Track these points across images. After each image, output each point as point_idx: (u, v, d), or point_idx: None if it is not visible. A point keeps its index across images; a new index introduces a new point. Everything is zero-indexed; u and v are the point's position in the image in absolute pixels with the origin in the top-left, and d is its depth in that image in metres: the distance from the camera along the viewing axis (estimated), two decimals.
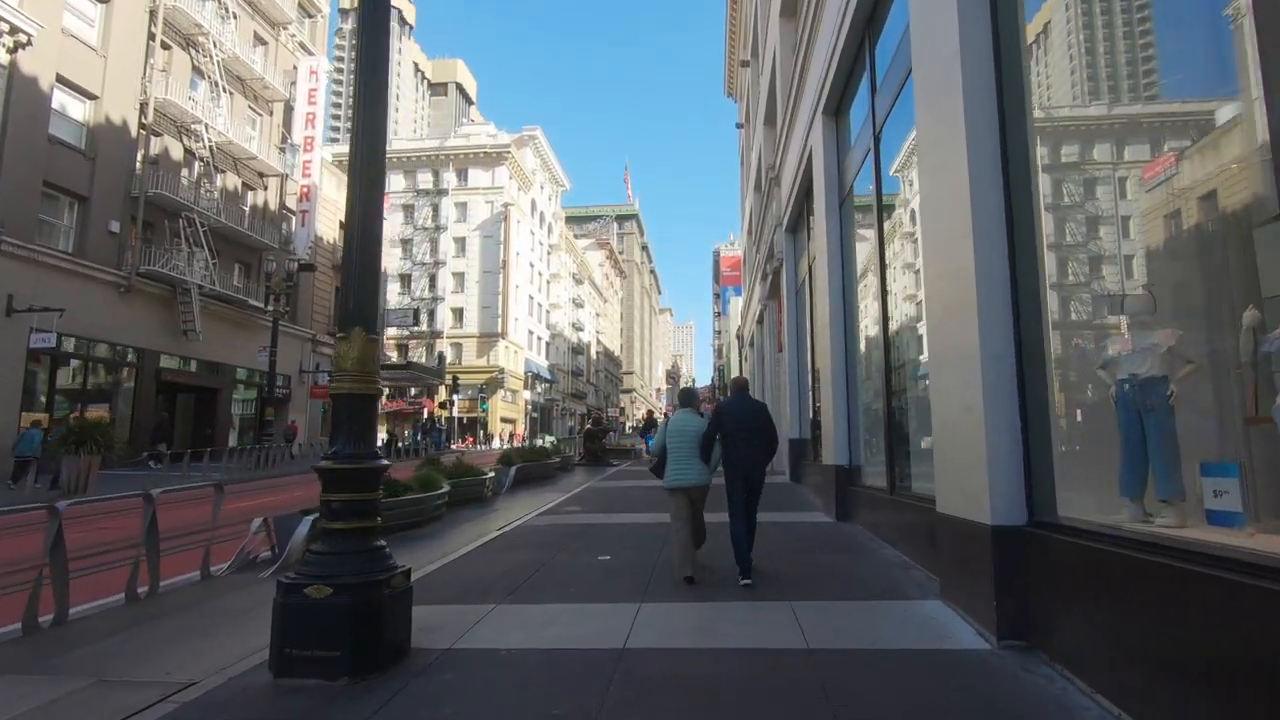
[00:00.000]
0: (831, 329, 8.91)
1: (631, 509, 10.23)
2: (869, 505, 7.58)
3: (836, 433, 8.70)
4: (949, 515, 4.42)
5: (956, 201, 4.11)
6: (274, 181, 27.40)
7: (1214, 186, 2.89)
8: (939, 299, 4.56)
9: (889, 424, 6.74)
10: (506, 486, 13.40)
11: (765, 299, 19.00)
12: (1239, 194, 2.79)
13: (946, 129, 4.26)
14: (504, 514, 10.21)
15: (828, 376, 9.06)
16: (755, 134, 21.65)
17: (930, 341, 4.78)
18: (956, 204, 4.11)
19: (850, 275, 8.93)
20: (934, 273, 4.66)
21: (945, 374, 4.47)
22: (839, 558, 6.37)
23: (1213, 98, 2.95)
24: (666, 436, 5.78)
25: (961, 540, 4.23)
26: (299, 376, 28.53)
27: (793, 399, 13.74)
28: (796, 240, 14.09)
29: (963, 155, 4.01)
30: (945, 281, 4.41)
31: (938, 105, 4.46)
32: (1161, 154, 3.25)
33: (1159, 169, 3.24)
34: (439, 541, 7.93)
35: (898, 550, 6.33)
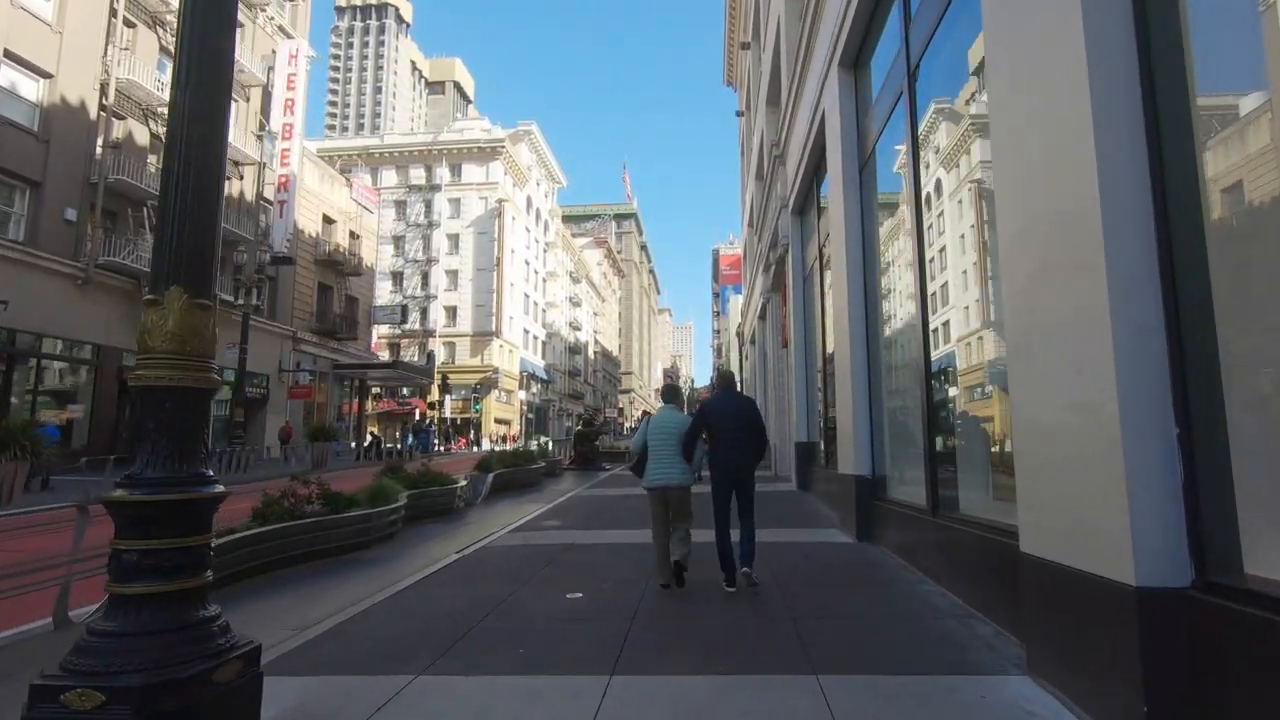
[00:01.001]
0: (850, 317, 7.61)
1: (618, 524, 8.92)
2: (900, 525, 6.28)
3: (857, 437, 7.40)
4: (1044, 560, 3.12)
5: (1065, 96, 2.81)
6: (251, 171, 26.09)
7: None
8: (1030, 250, 3.25)
9: (929, 426, 5.44)
10: (482, 496, 12.09)
11: (768, 291, 17.70)
12: None
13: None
14: (471, 530, 8.90)
15: (845, 372, 7.76)
16: (757, 118, 20.39)
17: (1012, 312, 3.48)
18: (1065, 101, 2.82)
19: (872, 253, 7.63)
20: (1021, 214, 3.36)
21: (1039, 356, 3.17)
22: (872, 596, 5.06)
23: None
24: (647, 434, 5.45)
25: (1070, 598, 2.93)
26: (278, 376, 27.20)
27: (800, 398, 12.45)
28: (804, 223, 12.79)
29: (1076, 20, 2.71)
30: (1043, 226, 3.10)
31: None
32: None
33: None
34: (381, 569, 6.62)
35: (942, 587, 5.02)
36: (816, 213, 10.93)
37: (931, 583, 5.21)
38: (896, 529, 6.43)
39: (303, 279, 29.44)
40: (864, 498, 7.32)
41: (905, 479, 6.66)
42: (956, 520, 4.91)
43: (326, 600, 5.39)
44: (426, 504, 9.73)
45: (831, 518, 8.99)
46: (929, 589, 5.11)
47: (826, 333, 10.33)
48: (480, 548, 7.39)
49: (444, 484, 10.21)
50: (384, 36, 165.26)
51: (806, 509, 10.14)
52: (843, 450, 7.95)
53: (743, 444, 5.25)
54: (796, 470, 12.53)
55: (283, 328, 27.73)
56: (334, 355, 31.36)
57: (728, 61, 34.89)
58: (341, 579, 6.28)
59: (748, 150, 26.42)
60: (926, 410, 5.47)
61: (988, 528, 4.30)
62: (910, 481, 6.37)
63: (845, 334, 7.72)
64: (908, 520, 5.97)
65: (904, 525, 6.13)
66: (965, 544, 4.61)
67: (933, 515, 5.30)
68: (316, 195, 30.59)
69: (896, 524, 6.41)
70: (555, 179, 73.08)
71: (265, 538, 6.25)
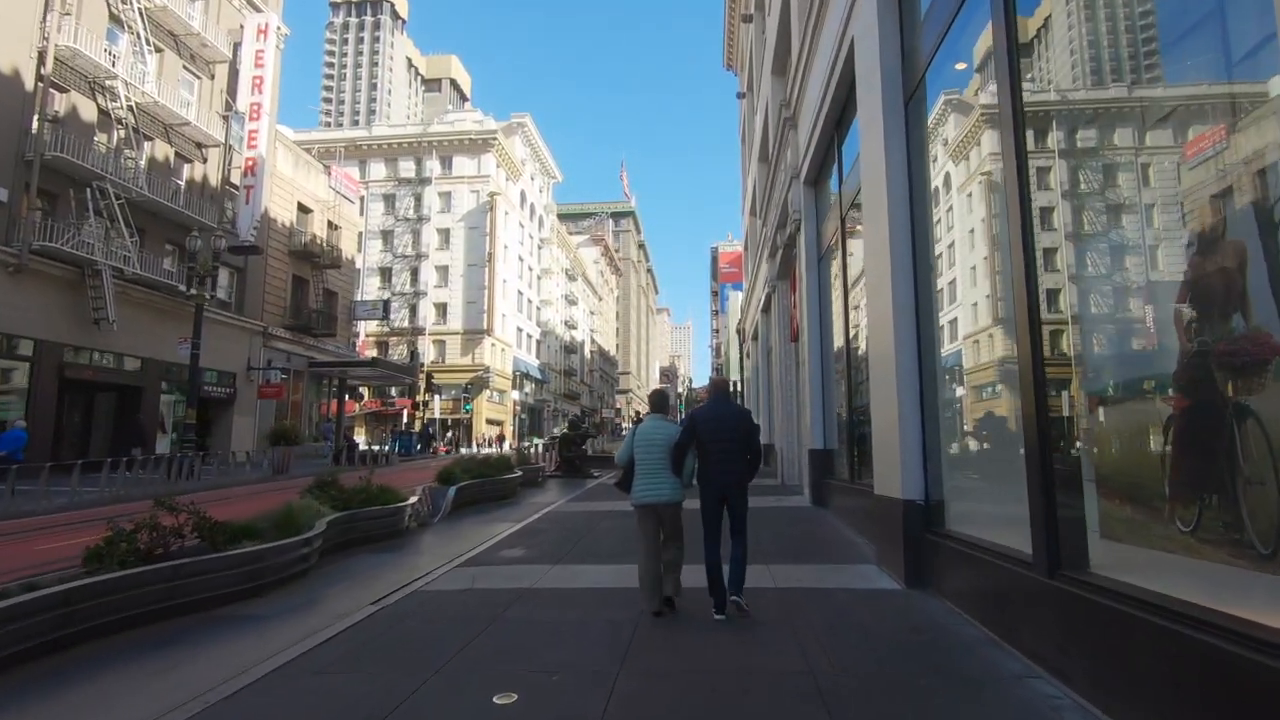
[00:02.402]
0: (894, 299, 5.82)
1: (596, 554, 7.14)
2: (975, 575, 4.50)
3: (905, 452, 5.62)
4: None
5: None
6: (215, 153, 24.25)
7: None
8: None
9: (1040, 444, 3.65)
10: (443, 513, 10.29)
11: (773, 280, 15.94)
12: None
13: None
14: (410, 564, 7.10)
15: (887, 369, 5.99)
16: (759, 95, 18.66)
17: None
18: None
19: (924, 212, 5.86)
20: None
21: None
22: (964, 708, 3.27)
23: None
24: (634, 446, 5.02)
25: None
26: (246, 373, 25.36)
27: (815, 399, 10.67)
28: (819, 194, 11.02)
29: None
30: None
31: None
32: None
33: None
34: (252, 637, 4.80)
35: (1072, 690, 3.25)
36: (838, 177, 9.15)
37: (1053, 681, 3.43)
38: (968, 578, 4.65)
39: (275, 271, 27.60)
40: (914, 530, 5.55)
41: (986, 512, 4.89)
42: (1092, 588, 3.14)
43: (125, 706, 3.60)
44: (363, 528, 7.93)
45: (861, 546, 7.22)
46: (1050, 692, 3.32)
47: (856, 321, 8.56)
48: (408, 595, 5.60)
49: (388, 502, 8.41)
50: (379, 33, 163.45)
51: (827, 533, 8.36)
52: (883, 466, 6.18)
53: (735, 458, 4.84)
54: (810, 482, 10.75)
55: (252, 323, 25.88)
56: (310, 353, 29.51)
57: (728, 43, 33.24)
58: (190, 653, 4.47)
59: (749, 134, 24.72)
60: (1035, 422, 3.69)
61: (1156, 609, 2.56)
62: (993, 519, 4.61)
63: (886, 321, 5.95)
64: (994, 573, 4.20)
65: (984, 576, 4.36)
66: (1111, 627, 2.85)
67: (1048, 575, 3.51)
68: (290, 182, 28.75)
69: (969, 572, 4.63)
70: (550, 173, 71.23)
71: (88, 593, 4.46)
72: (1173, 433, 2.91)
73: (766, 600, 5.16)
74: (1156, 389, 3.09)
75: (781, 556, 6.85)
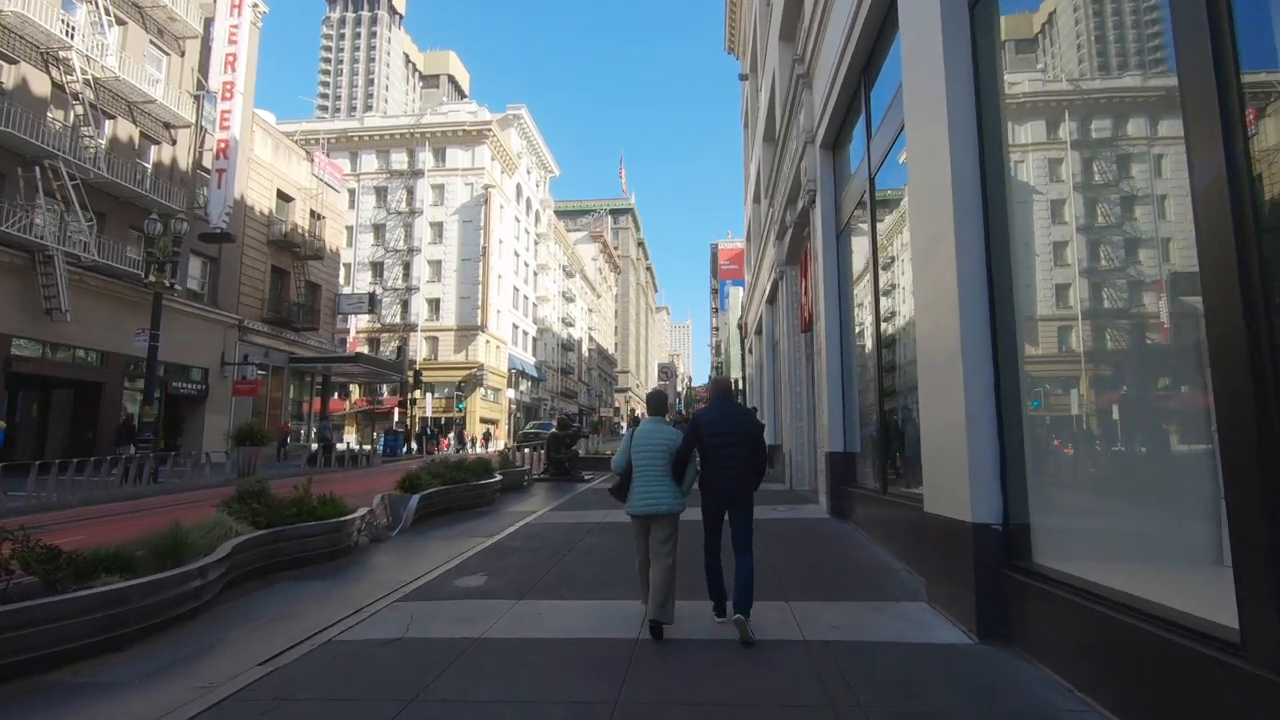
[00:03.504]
0: (959, 258, 4.43)
1: (573, 582, 5.74)
2: (1106, 640, 3.10)
3: (976, 460, 4.22)
4: None
5: None
6: (185, 134, 22.82)
7: None
8: None
9: (1267, 447, 2.27)
10: (403, 525, 8.89)
11: (781, 266, 14.54)
12: None
13: None
14: (338, 597, 5.69)
15: (944, 353, 4.60)
16: (765, 67, 17.28)
17: None
18: None
19: (996, 140, 4.47)
20: None
21: None
22: None
23: None
24: (631, 451, 4.58)
25: None
26: (219, 369, 23.94)
27: (833, 395, 9.27)
28: (838, 161, 9.62)
29: None
30: None
31: None
32: None
33: None
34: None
35: None
36: (865, 131, 7.73)
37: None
38: (1085, 640, 3.25)
39: (253, 261, 26.17)
40: (989, 563, 4.16)
41: (1111, 545, 3.50)
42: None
43: None
44: (291, 549, 6.53)
45: (901, 575, 5.82)
46: None
47: (892, 301, 7.17)
48: (316, 648, 4.20)
49: (327, 515, 7.00)
50: (376, 28, 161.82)
51: (855, 554, 6.96)
52: (939, 478, 4.78)
53: (740, 464, 4.49)
54: (829, 490, 9.35)
55: (226, 315, 24.46)
56: (291, 348, 28.09)
57: (729, 26, 31.90)
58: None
59: (752, 117, 23.36)
60: (1254, 414, 2.30)
61: None
62: (1131, 556, 3.23)
63: (947, 294, 4.56)
64: (1147, 647, 2.80)
65: (1125, 647, 2.96)
66: None
67: (1254, 664, 2.12)
68: (270, 168, 27.32)
69: (1087, 633, 3.23)
70: (547, 167, 69.76)
71: None
72: None
73: (794, 660, 3.79)
74: None
75: (804, 589, 5.46)
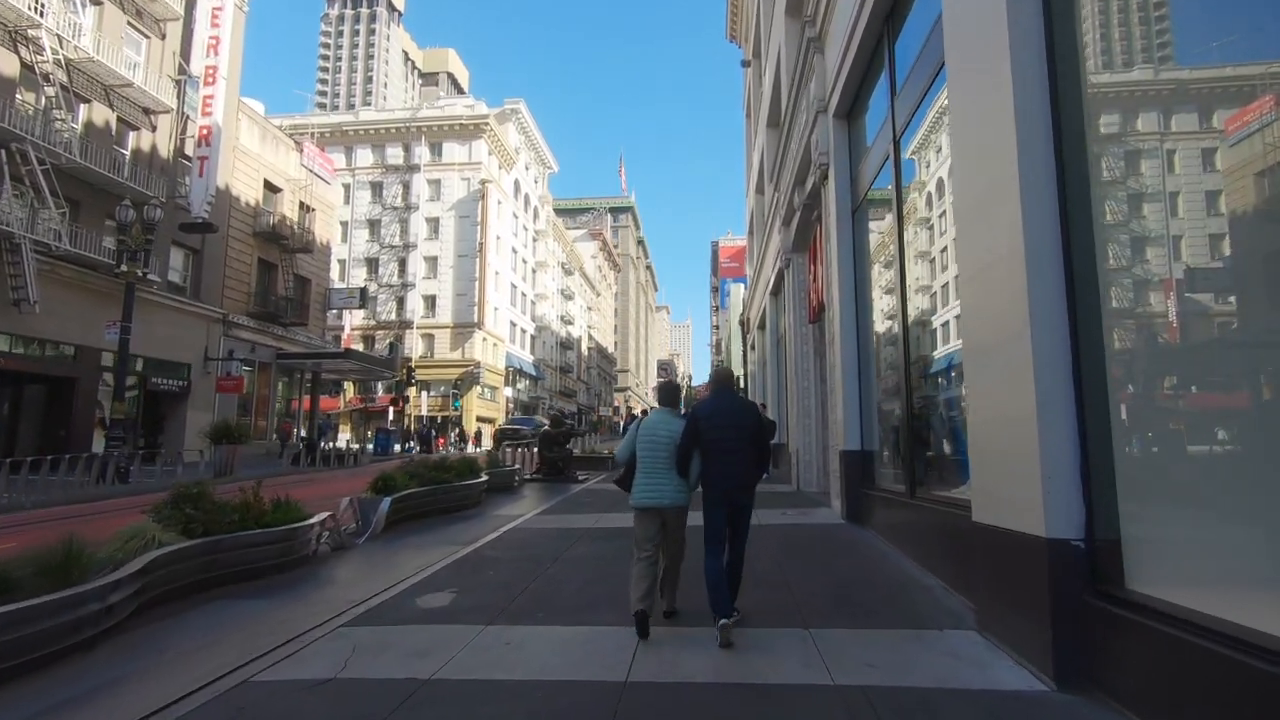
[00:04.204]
0: (1026, 212, 3.56)
1: (555, 602, 4.87)
2: (1231, 691, 2.24)
3: (1050, 461, 3.35)
4: None
5: None
6: (166, 120, 21.95)
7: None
8: None
9: None
10: (371, 531, 8.02)
11: (788, 253, 13.67)
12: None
13: None
14: (274, 621, 4.81)
15: (1002, 327, 3.74)
16: (770, 45, 16.42)
17: None
18: None
19: (1070, 64, 3.61)
20: None
21: None
22: None
23: None
24: (636, 442, 4.48)
25: None
26: (203, 365, 23.07)
27: (849, 388, 8.40)
28: (854, 131, 8.75)
29: None
30: None
31: None
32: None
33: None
34: None
35: None
36: (889, 88, 6.86)
37: None
38: (1191, 683, 2.39)
39: (238, 253, 25.30)
40: (1069, 590, 3.29)
41: (1231, 568, 2.62)
42: None
43: None
44: (232, 560, 5.66)
45: (938, 593, 4.95)
46: None
47: (921, 276, 6.31)
48: (228, 691, 3.35)
49: (279, 522, 6.13)
50: (375, 25, 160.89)
51: (880, 567, 6.09)
52: (995, 482, 3.90)
53: (741, 458, 4.29)
54: (844, 492, 8.47)
55: (210, 309, 23.59)
56: (278, 343, 27.22)
57: (730, 13, 31.06)
58: None
59: (755, 103, 22.51)
60: None
61: None
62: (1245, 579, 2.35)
63: (1010, 260, 3.69)
64: None
65: (1241, 692, 2.10)
66: None
67: None
68: (257, 158, 26.44)
69: (1197, 675, 2.36)
70: (546, 163, 68.87)
71: None
72: None
73: (825, 710, 2.93)
74: None
75: (827, 613, 4.60)
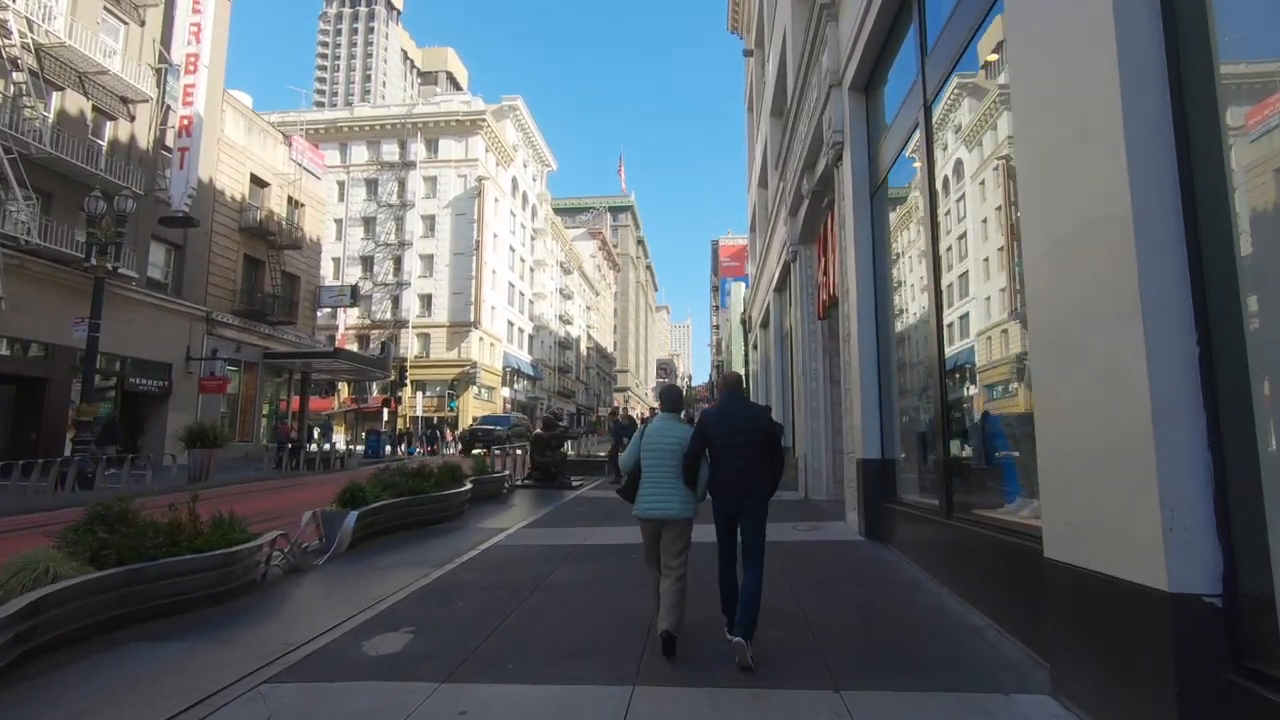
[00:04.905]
0: (1131, 159, 2.73)
1: (530, 646, 4.01)
2: None
3: (1171, 483, 2.50)
4: None
5: None
6: (145, 110, 21.11)
7: None
8: None
9: None
10: (334, 551, 7.17)
11: (795, 244, 12.84)
12: None
13: None
14: (182, 675, 3.92)
15: (1094, 311, 2.90)
16: (775, 32, 15.60)
17: None
18: None
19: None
20: None
21: None
22: None
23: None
24: (640, 450, 4.24)
25: None
26: (184, 365, 22.23)
27: (868, 388, 7.56)
28: (872, 104, 7.90)
29: None
30: None
31: None
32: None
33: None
34: None
35: None
36: (919, 50, 6.02)
37: None
38: None
39: (223, 249, 24.46)
40: (1198, 659, 2.45)
41: None
42: None
43: None
44: (157, 593, 4.82)
45: (988, 635, 4.11)
46: None
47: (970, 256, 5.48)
48: None
49: (217, 545, 5.30)
50: (373, 23, 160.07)
51: (911, 600, 5.24)
52: (1084, 508, 3.04)
53: (752, 466, 3.99)
54: (862, 505, 7.62)
55: (193, 307, 22.75)
56: (265, 342, 26.38)
57: (732, 4, 30.23)
58: None
59: (758, 93, 21.68)
60: None
61: None
62: None
63: (1110, 219, 2.86)
64: None
65: None
66: None
67: None
68: (243, 151, 25.61)
69: None
70: (544, 161, 68.01)
71: None
72: None
73: None
74: None
75: (858, 663, 3.75)
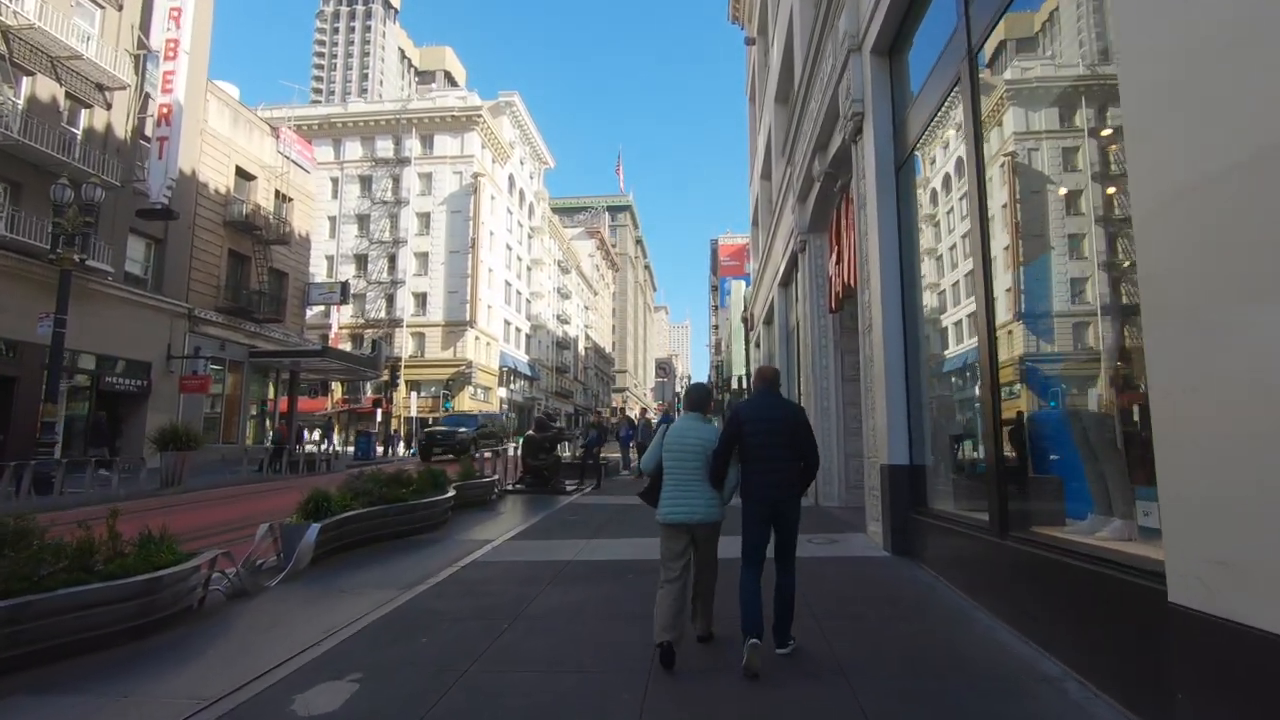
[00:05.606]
0: None
1: (496, 704, 3.20)
2: None
3: None
4: None
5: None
6: (123, 98, 20.26)
7: None
8: None
9: None
10: (291, 569, 6.34)
11: (804, 232, 12.03)
12: None
13: None
14: None
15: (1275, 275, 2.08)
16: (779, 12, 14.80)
17: None
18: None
19: None
20: None
21: None
22: None
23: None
24: (663, 450, 4.05)
25: None
26: (165, 364, 21.37)
27: (894, 385, 6.74)
28: (896, 70, 7.09)
29: None
30: None
31: None
32: None
33: None
34: None
35: None
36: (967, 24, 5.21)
37: None
38: None
39: (206, 244, 23.60)
40: None
41: None
42: None
43: None
44: (56, 630, 4.00)
45: (1062, 683, 3.27)
46: None
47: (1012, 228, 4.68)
48: None
49: (137, 570, 4.47)
50: (370, 22, 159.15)
51: (959, 637, 4.43)
52: (1258, 548, 2.25)
53: (786, 467, 3.86)
54: (888, 517, 6.81)
55: (174, 304, 21.89)
56: (251, 340, 25.53)
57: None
58: None
59: (761, 81, 20.88)
60: None
61: None
62: None
63: (1266, 155, 2.05)
64: None
65: None
66: None
67: None
68: (228, 142, 24.76)
69: None
70: (541, 158, 67.17)
71: None
72: None
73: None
74: None
75: None
